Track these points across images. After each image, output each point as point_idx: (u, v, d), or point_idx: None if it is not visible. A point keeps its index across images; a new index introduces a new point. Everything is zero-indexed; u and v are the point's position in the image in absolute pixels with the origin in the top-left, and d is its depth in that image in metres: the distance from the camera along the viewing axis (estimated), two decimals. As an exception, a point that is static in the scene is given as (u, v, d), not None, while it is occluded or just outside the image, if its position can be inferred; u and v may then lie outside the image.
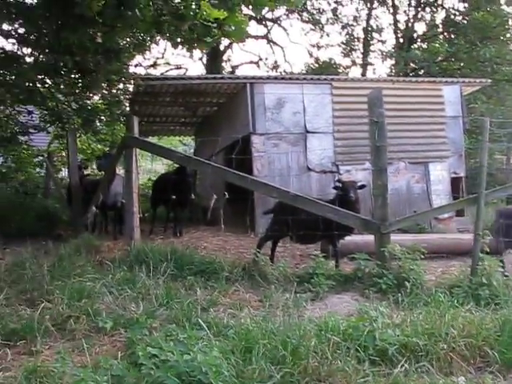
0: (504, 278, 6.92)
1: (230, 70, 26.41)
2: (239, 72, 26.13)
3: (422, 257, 7.34)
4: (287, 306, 5.95)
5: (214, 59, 24.57)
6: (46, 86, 11.17)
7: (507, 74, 20.19)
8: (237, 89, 13.31)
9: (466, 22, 22.48)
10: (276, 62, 27.13)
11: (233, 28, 5.88)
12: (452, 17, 23.45)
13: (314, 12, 26.04)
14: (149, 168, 31.91)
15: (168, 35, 6.24)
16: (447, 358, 4.55)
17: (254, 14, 21.47)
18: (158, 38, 8.88)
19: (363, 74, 25.08)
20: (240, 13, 6.80)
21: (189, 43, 6.36)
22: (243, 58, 27.89)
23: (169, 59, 25.54)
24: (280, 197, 7.86)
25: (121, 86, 13.13)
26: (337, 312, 5.73)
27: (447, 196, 13.30)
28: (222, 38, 7.27)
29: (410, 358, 4.48)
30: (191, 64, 51.60)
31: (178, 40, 6.36)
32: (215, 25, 5.71)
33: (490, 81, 15.67)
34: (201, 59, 25.95)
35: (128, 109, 14.94)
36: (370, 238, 7.70)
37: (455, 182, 13.76)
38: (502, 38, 21.57)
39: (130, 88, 13.43)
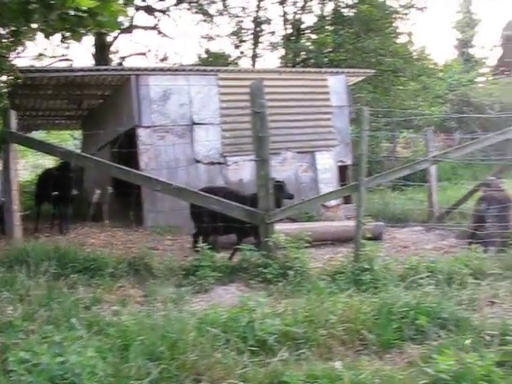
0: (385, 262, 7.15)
1: (119, 61, 25.84)
2: (128, 63, 25.56)
3: (308, 245, 7.45)
4: (171, 300, 5.88)
5: (102, 50, 23.94)
6: None
7: (390, 65, 20.85)
8: (121, 81, 13.02)
9: (352, 14, 23.00)
10: (165, 53, 26.85)
11: (107, 18, 5.68)
12: (339, 9, 23.94)
13: (204, 3, 25.88)
14: (38, 163, 30.83)
15: (39, 25, 5.97)
16: (327, 344, 4.63)
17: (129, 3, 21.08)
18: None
19: (253, 65, 25.18)
20: (116, 2, 6.57)
21: (62, 33, 6.11)
22: (133, 49, 27.42)
23: (55, 50, 24.59)
24: (164, 190, 7.75)
25: (3, 78, 12.52)
26: (221, 304, 5.71)
27: (335, 184, 13.57)
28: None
29: (290, 346, 4.52)
30: (81, 55, 50.18)
31: (50, 30, 6.09)
32: (88, 14, 5.49)
33: (373, 71, 16.14)
34: (88, 50, 25.26)
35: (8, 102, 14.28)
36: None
37: (343, 171, 14.08)
38: (385, 30, 22.25)
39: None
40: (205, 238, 8.91)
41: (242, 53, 26.43)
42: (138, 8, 23.61)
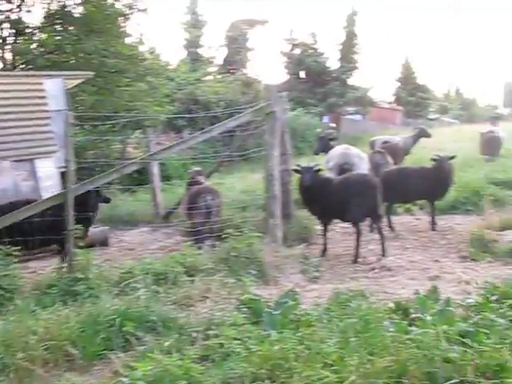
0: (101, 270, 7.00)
1: None
2: None
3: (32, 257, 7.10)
4: None
5: None
6: None
7: (113, 66, 20.65)
8: None
9: (77, 14, 22.37)
10: None
11: None
12: (66, 9, 23.11)
13: None
14: None
15: None
16: (27, 368, 4.37)
17: None
18: None
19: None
20: None
21: None
22: None
23: None
24: None
25: None
26: None
27: (58, 191, 13.00)
28: None
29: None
30: None
31: None
32: None
33: (93, 73, 15.82)
34: None
35: None
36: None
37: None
38: (108, 31, 21.94)
39: None
40: None
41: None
42: None
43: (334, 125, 29.10)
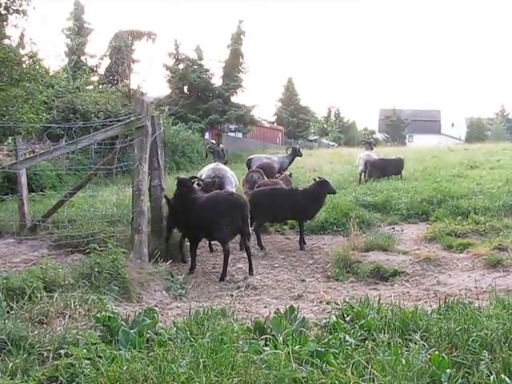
0: None
1: None
2: None
3: None
4: None
5: None
6: None
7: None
8: None
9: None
10: None
11: None
12: None
13: None
14: None
15: None
16: None
17: None
18: None
19: None
20: None
21: None
22: None
23: None
24: None
25: None
26: None
27: None
28: None
29: None
30: None
31: None
32: None
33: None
34: None
35: None
36: None
37: None
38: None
39: None
40: None
41: None
42: None
43: (213, 141, 29.25)
